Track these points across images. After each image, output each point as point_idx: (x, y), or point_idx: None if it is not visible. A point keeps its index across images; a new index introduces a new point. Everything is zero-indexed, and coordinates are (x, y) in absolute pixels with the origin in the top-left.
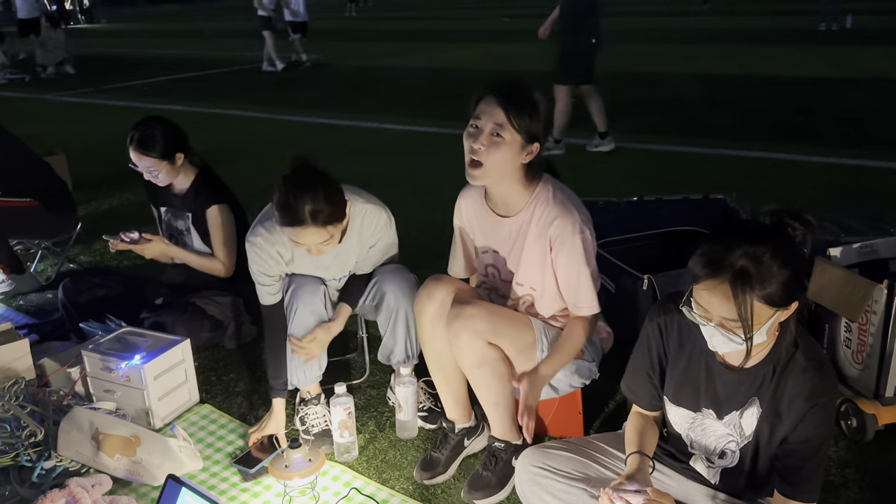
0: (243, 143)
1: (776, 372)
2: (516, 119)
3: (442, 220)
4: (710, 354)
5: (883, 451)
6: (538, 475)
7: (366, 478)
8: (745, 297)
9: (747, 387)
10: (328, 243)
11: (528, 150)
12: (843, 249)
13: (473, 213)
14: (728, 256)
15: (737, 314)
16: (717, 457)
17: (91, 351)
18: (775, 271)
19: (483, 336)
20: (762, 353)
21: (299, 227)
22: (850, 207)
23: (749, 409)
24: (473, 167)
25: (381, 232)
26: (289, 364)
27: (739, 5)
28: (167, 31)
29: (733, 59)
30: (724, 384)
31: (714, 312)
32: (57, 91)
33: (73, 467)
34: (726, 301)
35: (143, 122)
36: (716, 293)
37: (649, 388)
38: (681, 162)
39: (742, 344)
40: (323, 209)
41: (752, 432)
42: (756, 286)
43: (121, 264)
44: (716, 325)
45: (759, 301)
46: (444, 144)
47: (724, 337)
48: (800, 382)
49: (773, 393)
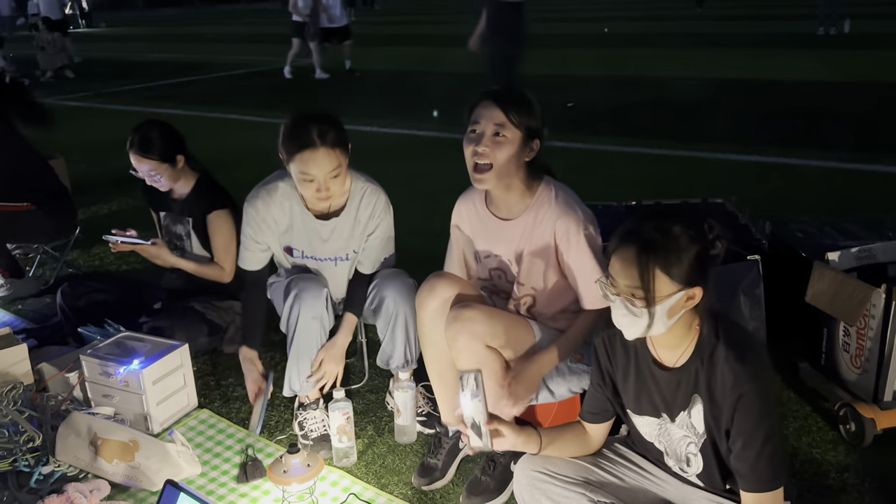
0: (243, 147)
1: (704, 365)
2: (516, 117)
3: (440, 225)
4: (649, 359)
5: (882, 456)
6: (537, 479)
7: (364, 483)
8: (647, 263)
9: (685, 385)
10: (337, 178)
11: (530, 146)
12: (842, 253)
13: (475, 217)
14: (639, 227)
15: (638, 279)
16: (685, 464)
17: (89, 356)
18: (681, 245)
19: (482, 339)
20: (687, 349)
21: (309, 151)
22: (849, 211)
23: (694, 406)
24: (480, 171)
25: (380, 216)
26: (294, 370)
27: (737, 9)
28: (166, 36)
29: (731, 63)
30: (667, 385)
31: (620, 282)
32: (56, 95)
33: (71, 472)
34: (630, 267)
35: (141, 126)
36: (623, 260)
37: (593, 400)
38: (679, 166)
39: (642, 317)
40: (330, 130)
41: (703, 429)
42: (660, 254)
43: (119, 269)
44: (621, 297)
45: (660, 271)
46: (443, 149)
47: (626, 310)
48: (724, 373)
49: (707, 386)
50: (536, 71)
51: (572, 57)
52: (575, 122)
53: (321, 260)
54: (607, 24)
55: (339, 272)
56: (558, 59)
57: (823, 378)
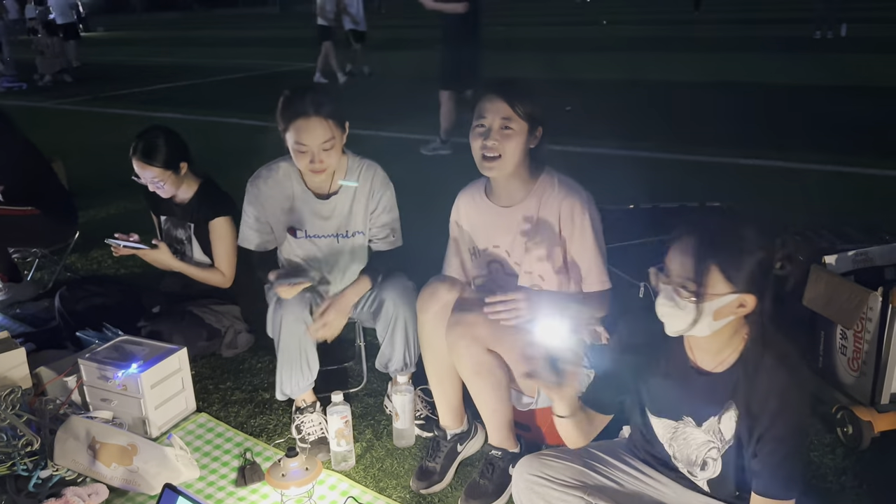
0: (240, 151)
1: (747, 373)
2: (521, 108)
3: (435, 226)
4: (685, 361)
5: (879, 459)
6: (535, 483)
7: (363, 486)
8: (705, 256)
9: (722, 391)
10: (330, 151)
11: (535, 134)
12: (839, 257)
13: (474, 210)
14: (707, 220)
15: (692, 270)
16: (698, 468)
17: (88, 360)
18: (745, 248)
19: (483, 343)
20: (730, 355)
21: (303, 119)
22: (847, 215)
23: (727, 413)
24: (490, 161)
25: (380, 190)
26: (284, 373)
27: (733, 13)
28: (164, 39)
29: (728, 66)
30: (701, 390)
31: (674, 271)
32: (54, 99)
33: (69, 476)
34: (687, 257)
35: (146, 132)
36: (681, 250)
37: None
38: (677, 169)
39: (687, 311)
40: (324, 101)
41: (731, 436)
42: (721, 250)
43: (118, 273)
44: (672, 288)
45: (717, 268)
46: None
47: (671, 300)
48: (770, 380)
49: (747, 394)
50: (534, 74)
51: (569, 60)
52: (572, 126)
53: (323, 237)
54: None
55: (341, 250)
56: (556, 62)
57: (821, 381)
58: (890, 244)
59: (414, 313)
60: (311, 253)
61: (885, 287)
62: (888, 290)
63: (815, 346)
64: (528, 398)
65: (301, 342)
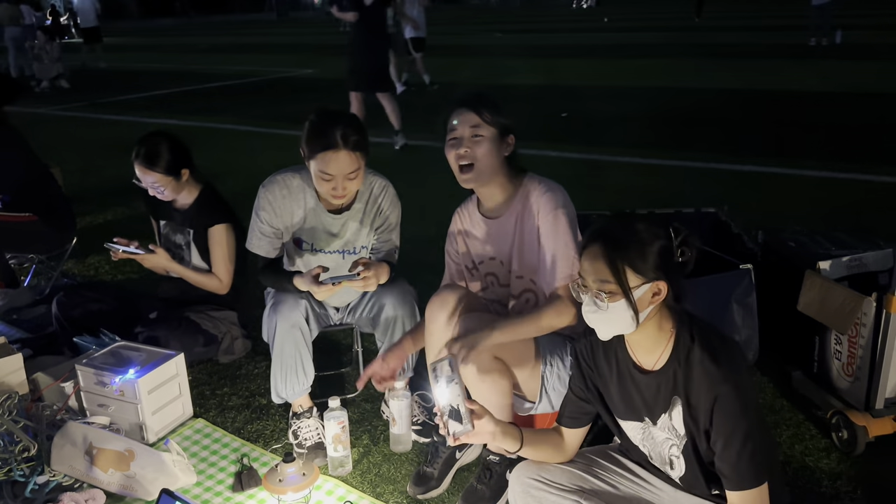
0: (237, 157)
1: (681, 367)
2: (488, 115)
3: (431, 232)
4: (630, 363)
5: (874, 463)
6: (532, 487)
7: (360, 492)
8: (613, 257)
9: (665, 387)
10: (354, 180)
11: (506, 141)
12: (833, 263)
13: (469, 224)
14: (605, 226)
15: (608, 272)
16: (668, 467)
17: (85, 365)
18: (643, 240)
19: (490, 351)
20: (664, 351)
21: (332, 151)
22: (841, 221)
23: (674, 408)
24: (464, 171)
25: (389, 208)
26: (280, 377)
27: (729, 21)
28: (161, 46)
29: (724, 73)
30: (647, 389)
31: (589, 279)
32: (51, 105)
33: (66, 482)
34: (596, 261)
35: (148, 137)
36: (590, 257)
37: (572, 405)
38: (673, 175)
39: (611, 312)
40: (353, 134)
41: (684, 431)
42: (623, 248)
43: (115, 278)
44: (591, 295)
45: (625, 264)
46: (431, 158)
47: (594, 306)
48: (700, 374)
49: (685, 388)
50: (531, 82)
51: (566, 67)
52: (569, 132)
53: (329, 253)
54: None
55: (344, 265)
56: (553, 69)
57: (816, 386)
58: (884, 250)
59: (413, 318)
60: (314, 265)
61: (878, 292)
62: (882, 296)
63: (809, 352)
64: (528, 403)
65: (297, 348)
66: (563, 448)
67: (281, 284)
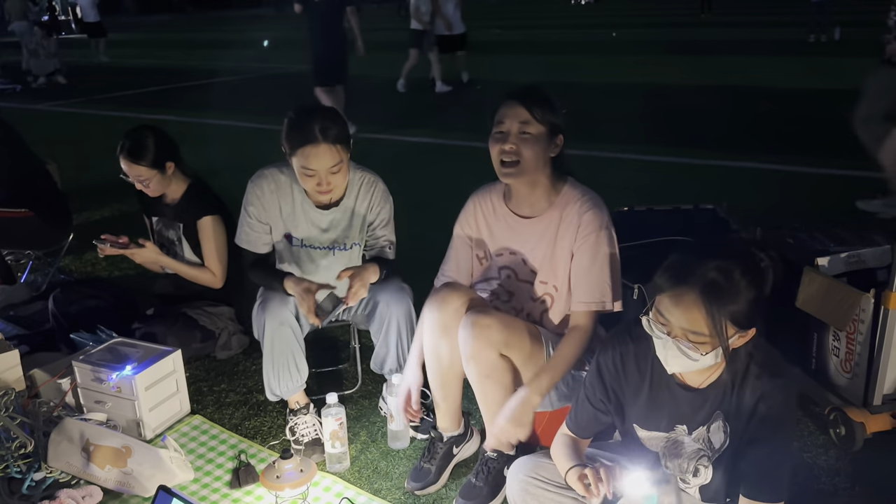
0: (235, 154)
1: (735, 384)
2: (539, 113)
3: (433, 230)
4: (669, 379)
5: (872, 460)
6: (530, 485)
7: (357, 488)
8: (714, 311)
9: (711, 402)
10: (337, 174)
11: (554, 142)
12: (831, 259)
13: (492, 215)
14: (698, 268)
15: (704, 325)
16: (690, 475)
17: (82, 362)
18: (743, 289)
19: (496, 347)
20: (715, 371)
21: (312, 146)
22: (840, 217)
23: (715, 423)
24: (507, 167)
25: (380, 204)
26: (272, 375)
27: (732, 17)
28: (159, 42)
29: (723, 69)
30: (689, 404)
31: (676, 324)
32: (48, 101)
33: (63, 479)
34: (691, 311)
35: (134, 131)
36: (682, 303)
37: (594, 418)
38: (671, 172)
39: (697, 359)
40: (332, 126)
41: (720, 445)
42: (725, 300)
43: (112, 275)
44: (675, 337)
45: (724, 317)
46: (437, 155)
47: (678, 351)
48: (756, 388)
49: (735, 404)
50: (532, 77)
51: (567, 63)
52: (568, 129)
53: (319, 249)
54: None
55: (336, 261)
56: (553, 65)
57: (814, 382)
58: (882, 246)
59: (407, 314)
60: (305, 262)
61: (877, 289)
62: (880, 292)
63: (807, 348)
64: None
65: (288, 345)
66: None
67: (269, 283)
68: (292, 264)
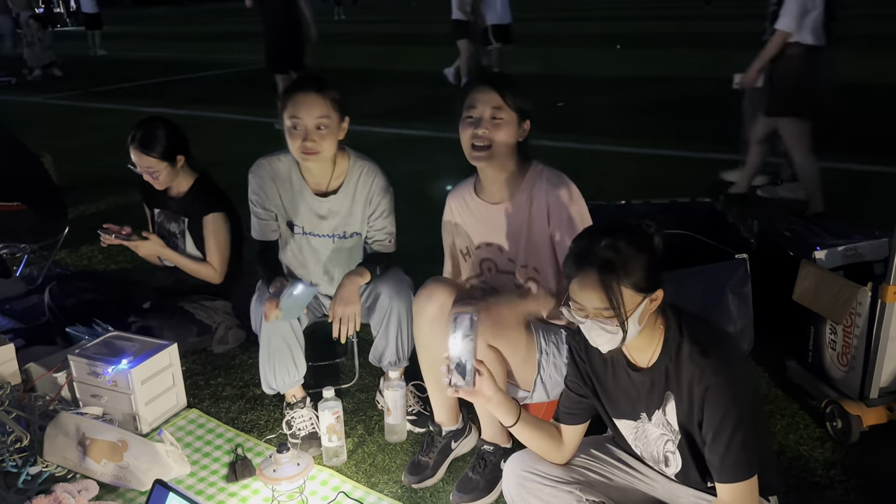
0: (231, 147)
1: (672, 363)
2: (511, 99)
3: (430, 222)
4: (623, 362)
5: (868, 453)
6: (526, 479)
7: (354, 482)
8: (612, 283)
9: (658, 383)
10: (325, 135)
11: (523, 127)
12: (828, 252)
13: (465, 209)
14: (591, 249)
15: (607, 302)
16: (663, 465)
17: (77, 355)
18: (633, 256)
19: (484, 339)
20: (657, 348)
21: (302, 93)
22: (837, 210)
23: (668, 404)
24: (478, 150)
25: (380, 195)
26: (269, 369)
27: (734, 9)
28: (155, 34)
29: (725, 62)
30: (641, 386)
31: (587, 305)
32: (44, 94)
33: (59, 473)
34: (596, 291)
35: (145, 122)
36: (586, 285)
37: (569, 400)
38: (669, 165)
39: (617, 332)
40: (327, 84)
41: (678, 426)
42: (620, 272)
43: (108, 268)
44: (592, 318)
45: (626, 287)
46: (433, 148)
47: (600, 329)
48: (690, 369)
49: (677, 384)
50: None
51: (565, 56)
52: (564, 122)
53: (320, 237)
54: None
55: (336, 250)
56: (550, 58)
57: (810, 376)
58: (879, 239)
59: (408, 307)
60: (307, 251)
61: (874, 282)
62: (877, 286)
63: (804, 342)
64: (523, 392)
65: (286, 340)
66: (561, 445)
67: (263, 277)
68: (294, 253)
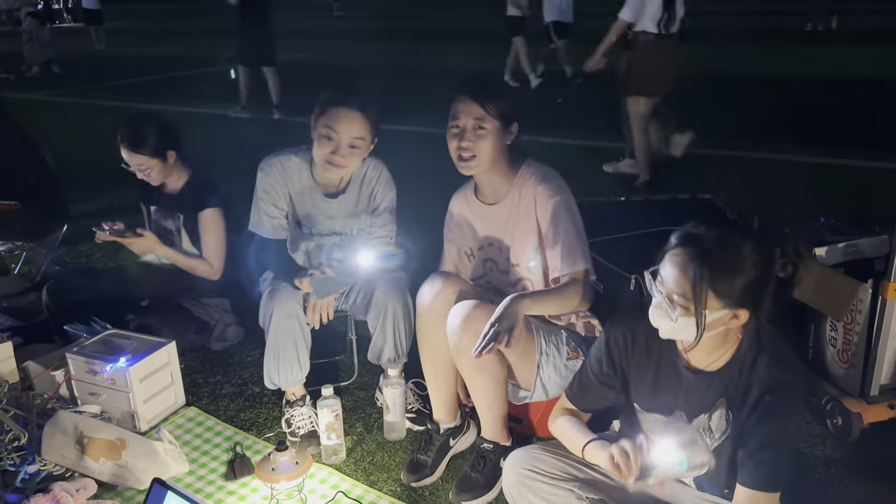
0: (232, 144)
1: (742, 373)
2: (492, 108)
3: (428, 218)
4: (677, 360)
5: (868, 450)
6: (526, 477)
7: (353, 480)
8: (700, 277)
9: (715, 389)
10: (355, 153)
11: (509, 130)
12: (829, 249)
13: (466, 210)
14: (702, 233)
15: (687, 290)
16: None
17: (76, 353)
18: (739, 267)
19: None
20: (724, 354)
21: (346, 108)
22: (837, 207)
23: (717, 410)
24: (465, 161)
25: (384, 191)
26: (273, 364)
27: (723, 5)
28: (155, 30)
29: (720, 58)
30: (693, 388)
31: (667, 283)
32: (42, 90)
33: (57, 471)
34: (681, 274)
35: (133, 119)
36: (676, 264)
37: (591, 390)
38: (668, 162)
39: (679, 324)
40: (373, 106)
41: (721, 433)
42: (714, 271)
43: (106, 266)
44: (666, 297)
45: (711, 291)
46: (431, 144)
47: (661, 310)
48: (765, 380)
49: (741, 393)
50: None
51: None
52: (564, 119)
53: (327, 235)
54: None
55: (343, 246)
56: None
57: (810, 373)
58: (880, 236)
59: (404, 303)
60: (313, 249)
61: (875, 279)
62: (878, 282)
63: (805, 338)
64: (524, 392)
65: (293, 337)
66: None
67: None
68: (301, 251)
